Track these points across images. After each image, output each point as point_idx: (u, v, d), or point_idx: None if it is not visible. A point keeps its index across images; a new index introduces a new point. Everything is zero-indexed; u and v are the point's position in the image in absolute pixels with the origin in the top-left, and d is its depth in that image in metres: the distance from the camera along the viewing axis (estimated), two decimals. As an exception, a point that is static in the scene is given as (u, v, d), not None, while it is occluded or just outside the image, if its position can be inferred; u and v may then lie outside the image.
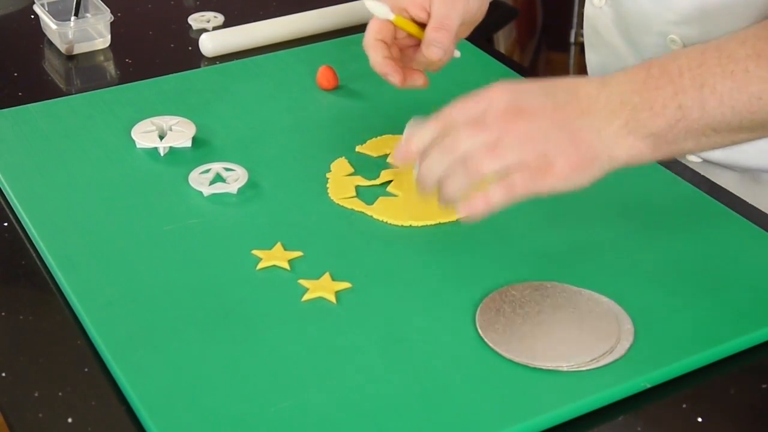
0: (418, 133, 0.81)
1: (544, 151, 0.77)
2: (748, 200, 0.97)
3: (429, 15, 0.94)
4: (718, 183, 1.00)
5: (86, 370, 0.78)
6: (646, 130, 0.78)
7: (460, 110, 0.80)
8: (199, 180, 0.96)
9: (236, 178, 0.96)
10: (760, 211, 0.95)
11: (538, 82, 0.81)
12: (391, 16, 0.94)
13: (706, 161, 1.07)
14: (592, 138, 0.78)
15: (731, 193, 0.98)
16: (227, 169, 0.98)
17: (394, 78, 0.93)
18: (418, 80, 0.95)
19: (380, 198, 0.94)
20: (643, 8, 1.02)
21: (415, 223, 0.92)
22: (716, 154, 1.07)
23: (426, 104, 0.90)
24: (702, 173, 1.02)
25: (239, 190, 0.95)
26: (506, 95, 0.79)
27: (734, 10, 0.94)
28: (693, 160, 1.07)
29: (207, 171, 0.98)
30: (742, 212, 0.93)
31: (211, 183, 0.96)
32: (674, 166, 1.00)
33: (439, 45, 0.93)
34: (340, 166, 0.99)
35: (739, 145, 0.87)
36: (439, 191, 0.80)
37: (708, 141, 0.79)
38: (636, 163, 0.80)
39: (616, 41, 1.09)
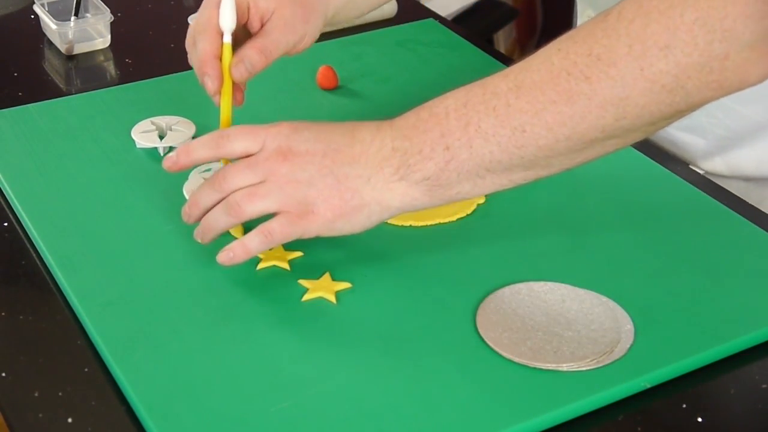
0: (191, 151, 0.83)
1: (305, 196, 0.78)
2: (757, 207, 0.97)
3: (260, 28, 0.88)
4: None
5: (86, 370, 0.78)
6: (418, 174, 0.77)
7: (235, 139, 0.81)
8: (200, 180, 0.96)
9: None
10: (761, 211, 0.95)
11: (321, 124, 0.82)
12: (228, 40, 0.87)
13: (709, 173, 1.07)
14: (359, 185, 0.78)
15: (732, 193, 0.98)
16: None
17: (213, 83, 0.87)
18: (236, 95, 0.91)
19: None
20: None
21: (415, 223, 0.92)
22: (720, 167, 1.07)
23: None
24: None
25: None
26: (282, 135, 0.80)
27: None
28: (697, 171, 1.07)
29: (207, 171, 0.97)
30: (743, 212, 0.93)
31: None
32: (664, 161, 1.01)
33: (251, 68, 0.87)
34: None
35: (738, 158, 0.86)
36: (204, 222, 0.82)
37: (485, 182, 0.77)
38: (413, 209, 0.79)
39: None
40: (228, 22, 0.86)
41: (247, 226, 0.84)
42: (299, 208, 0.78)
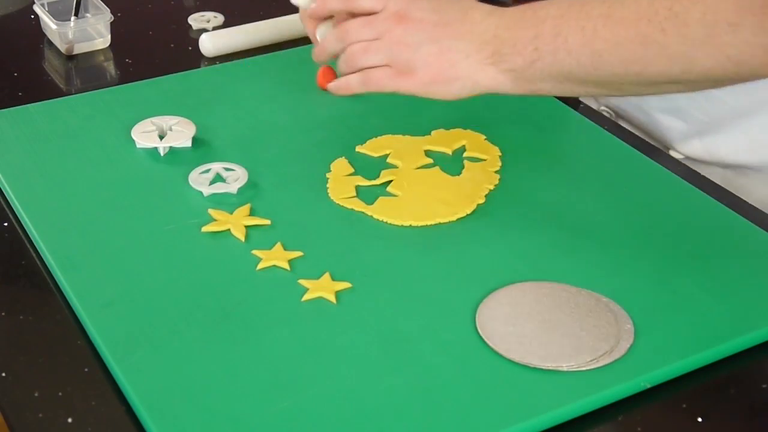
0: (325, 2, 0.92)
1: (409, 58, 0.87)
2: (735, 194, 0.98)
3: None
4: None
5: (86, 370, 0.78)
6: (506, 65, 0.84)
7: (364, 2, 0.89)
8: (199, 180, 0.96)
9: (236, 178, 0.96)
10: (761, 211, 0.95)
11: None
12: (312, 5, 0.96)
13: (688, 158, 1.07)
14: (458, 59, 0.86)
15: (731, 193, 0.98)
16: (227, 169, 0.98)
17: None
18: None
19: (380, 198, 0.94)
20: None
21: (415, 223, 0.92)
22: (698, 151, 1.07)
23: (426, 105, 0.90)
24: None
25: (239, 190, 0.95)
26: (403, 0, 0.88)
27: None
28: (675, 156, 1.08)
29: (207, 171, 0.98)
30: (744, 213, 0.93)
31: (211, 183, 0.96)
32: (664, 161, 1.01)
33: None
34: (340, 166, 0.99)
35: (716, 143, 0.88)
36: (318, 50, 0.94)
37: (563, 87, 0.84)
38: (498, 92, 0.86)
39: None
40: None
41: None
42: (401, 66, 0.87)
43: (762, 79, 0.77)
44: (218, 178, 0.97)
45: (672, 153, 1.09)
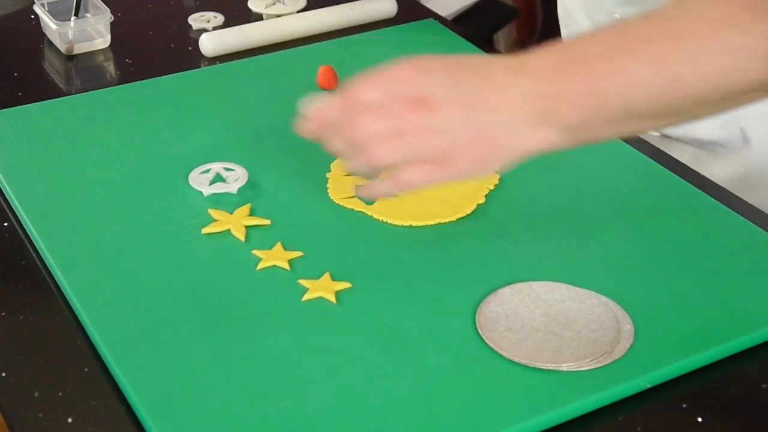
0: (320, 109, 0.79)
1: (445, 147, 0.75)
2: (703, 174, 0.96)
3: None
4: (675, 157, 1.00)
5: (86, 370, 0.78)
6: (560, 120, 0.74)
7: (365, 89, 0.77)
8: (199, 180, 0.96)
9: (236, 178, 0.96)
10: (761, 211, 0.95)
11: (449, 61, 0.78)
12: None
13: (663, 136, 1.06)
14: (498, 133, 0.75)
15: (732, 193, 0.98)
16: (227, 169, 0.98)
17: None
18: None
19: (380, 198, 0.94)
20: None
21: (415, 223, 0.91)
22: (672, 129, 1.06)
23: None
24: (660, 148, 1.02)
25: (239, 190, 0.95)
26: (413, 80, 0.76)
27: None
28: (651, 133, 1.06)
29: (207, 171, 0.98)
30: (744, 213, 0.93)
31: (211, 183, 0.96)
32: (671, 164, 1.01)
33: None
34: (341, 166, 0.99)
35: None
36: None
37: (626, 128, 0.77)
38: (551, 151, 0.77)
39: (582, 21, 1.09)
40: None
41: None
42: (438, 158, 0.76)
43: None
44: (218, 178, 0.97)
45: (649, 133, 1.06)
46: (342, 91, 0.79)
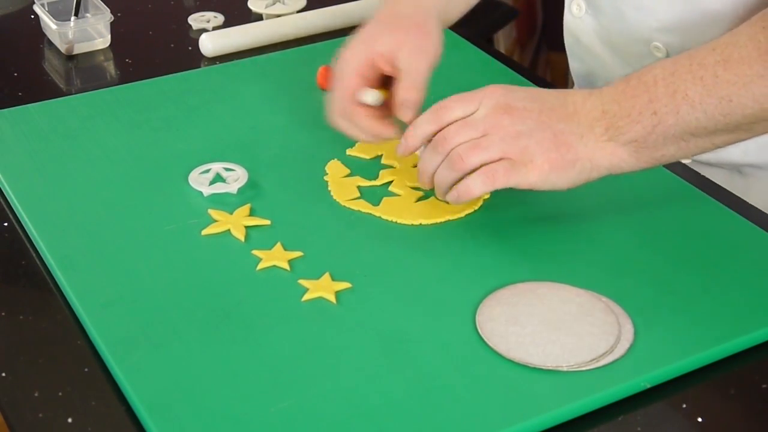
0: (415, 129, 0.87)
1: (526, 146, 0.83)
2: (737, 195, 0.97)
3: (397, 69, 0.91)
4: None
5: (86, 370, 0.78)
6: (626, 136, 0.82)
7: (453, 108, 0.86)
8: (199, 180, 0.96)
9: (236, 178, 0.96)
10: (761, 211, 0.95)
11: (532, 89, 0.87)
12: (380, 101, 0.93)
13: (695, 161, 1.07)
14: (574, 141, 0.83)
15: (732, 193, 0.98)
16: (227, 169, 0.98)
17: (389, 132, 0.93)
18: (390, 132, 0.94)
19: (384, 198, 0.94)
20: (625, 17, 1.03)
21: (424, 222, 0.91)
22: (705, 154, 1.06)
23: (426, 106, 0.90)
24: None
25: (239, 190, 0.95)
26: (497, 95, 0.85)
27: (715, 18, 0.96)
28: (683, 160, 1.07)
29: (207, 171, 0.98)
30: (743, 212, 0.93)
31: (211, 183, 0.96)
32: (671, 164, 1.00)
33: (411, 106, 0.91)
34: (336, 168, 0.99)
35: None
36: (434, 185, 0.87)
37: (689, 145, 0.83)
38: (620, 170, 0.85)
39: (598, 49, 1.09)
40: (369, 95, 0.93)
41: None
42: (520, 156, 0.83)
43: None
44: (218, 178, 0.97)
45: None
46: (433, 108, 0.87)
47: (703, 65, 0.81)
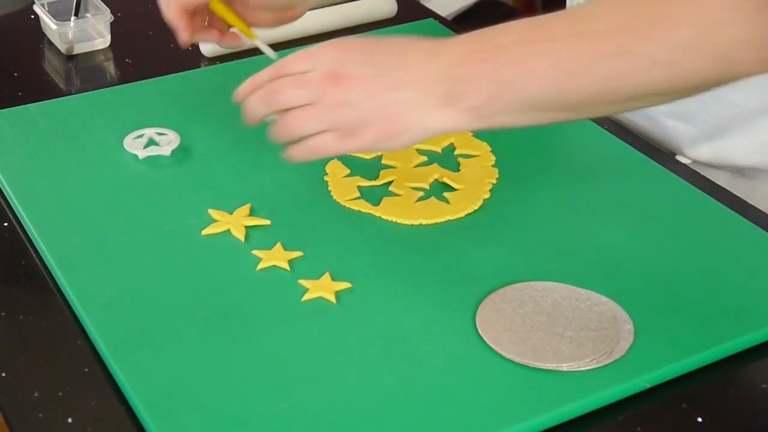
0: (254, 76, 0.87)
1: (352, 120, 0.81)
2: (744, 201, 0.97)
3: None
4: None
5: (86, 370, 0.78)
6: (464, 103, 0.78)
7: (292, 63, 0.84)
8: (134, 145, 1.02)
9: (169, 141, 1.01)
10: (760, 210, 0.95)
11: (371, 42, 0.84)
12: None
13: (696, 162, 1.07)
14: (404, 111, 0.80)
15: (731, 192, 0.98)
16: (159, 134, 1.02)
17: (184, 35, 0.95)
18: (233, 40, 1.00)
19: (384, 198, 0.94)
20: None
21: (425, 221, 0.92)
22: (706, 155, 1.07)
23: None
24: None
25: (173, 152, 0.99)
26: (333, 57, 0.82)
27: None
28: (683, 161, 1.07)
29: (140, 136, 1.01)
30: (742, 212, 0.93)
31: (145, 147, 1.00)
32: (670, 165, 1.01)
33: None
34: (336, 168, 0.99)
35: (726, 146, 0.86)
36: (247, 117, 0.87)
37: (526, 117, 0.79)
38: (454, 131, 0.81)
39: None
40: None
41: None
42: (346, 128, 0.81)
43: (747, 77, 0.73)
44: (151, 143, 1.00)
45: (679, 158, 1.08)
46: (274, 64, 0.85)
47: (555, 35, 0.76)
